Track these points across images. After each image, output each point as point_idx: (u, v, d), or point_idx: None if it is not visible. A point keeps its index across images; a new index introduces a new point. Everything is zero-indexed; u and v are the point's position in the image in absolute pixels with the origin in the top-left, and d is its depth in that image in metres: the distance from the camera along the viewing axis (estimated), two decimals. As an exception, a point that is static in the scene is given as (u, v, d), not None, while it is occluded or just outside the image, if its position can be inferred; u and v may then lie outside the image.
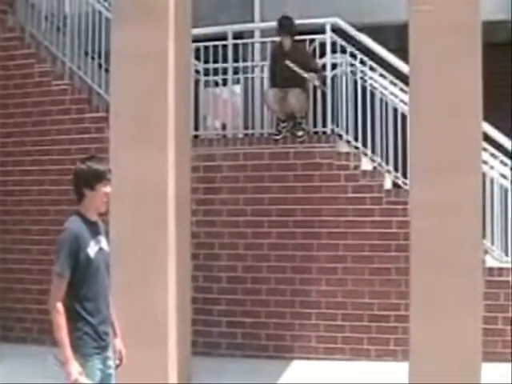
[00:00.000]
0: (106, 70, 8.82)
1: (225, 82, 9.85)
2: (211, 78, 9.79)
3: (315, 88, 9.11)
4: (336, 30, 9.13)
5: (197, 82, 9.62)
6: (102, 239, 4.37)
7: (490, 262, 8.34)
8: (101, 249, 4.31)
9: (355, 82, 9.05)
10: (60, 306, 4.06)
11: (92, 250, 4.21)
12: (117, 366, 4.47)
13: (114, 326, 4.55)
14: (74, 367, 4.07)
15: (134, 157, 6.93)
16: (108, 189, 4.38)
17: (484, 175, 7.50)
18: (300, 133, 8.72)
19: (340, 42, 9.05)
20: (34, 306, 9.28)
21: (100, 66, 9.56)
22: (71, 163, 9.10)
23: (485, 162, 8.00)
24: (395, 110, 8.88)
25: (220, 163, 9.08)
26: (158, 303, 6.87)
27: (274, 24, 9.25)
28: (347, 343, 8.53)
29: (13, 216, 9.68)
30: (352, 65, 9.07)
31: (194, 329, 7.83)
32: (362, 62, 9.03)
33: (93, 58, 9.69)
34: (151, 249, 6.87)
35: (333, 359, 8.40)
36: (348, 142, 9.02)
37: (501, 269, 8.29)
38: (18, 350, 9.04)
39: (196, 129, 9.49)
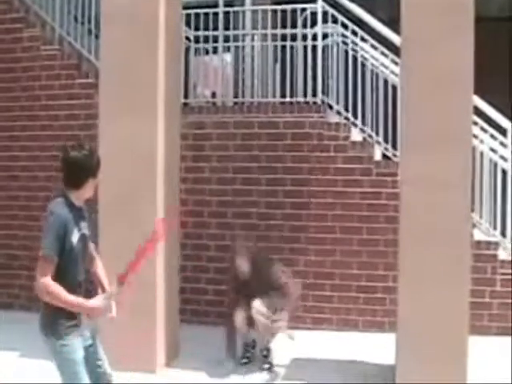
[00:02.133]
0: (96, 36, 8.74)
1: (215, 50, 9.79)
2: (202, 45, 9.72)
3: (306, 55, 9.04)
4: (327, -1, 9.08)
5: (187, 50, 9.57)
6: (84, 225, 4.32)
7: (478, 236, 8.38)
8: (82, 235, 4.27)
9: (346, 53, 9.02)
10: (47, 279, 4.04)
11: (75, 237, 4.17)
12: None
13: (103, 284, 4.50)
14: (94, 301, 4.20)
15: (124, 123, 6.91)
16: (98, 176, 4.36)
17: (474, 149, 7.50)
18: (266, 366, 7.13)
19: (331, 11, 8.98)
20: (22, 272, 9.28)
21: (90, 31, 9.47)
22: (60, 129, 9.18)
23: (475, 136, 8.00)
24: (386, 81, 8.86)
25: (209, 131, 9.05)
26: (145, 270, 6.84)
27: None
28: (335, 314, 8.58)
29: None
30: (343, 35, 9.02)
31: (182, 297, 7.85)
32: (354, 33, 8.98)
33: (82, 24, 9.58)
34: (139, 216, 6.86)
35: (320, 329, 8.45)
36: (338, 112, 9.00)
37: (488, 243, 8.34)
38: (5, 316, 9.05)
39: (186, 97, 9.45)
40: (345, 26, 8.99)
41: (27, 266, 9.07)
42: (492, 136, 8.52)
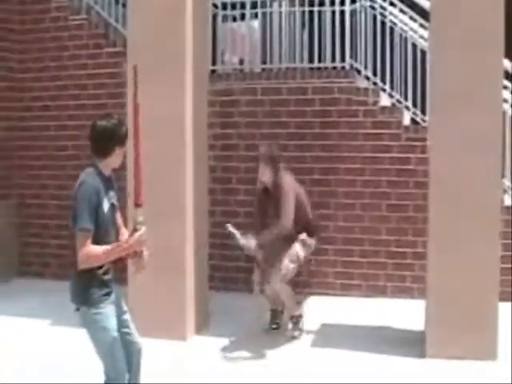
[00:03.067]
0: (123, 5, 8.73)
1: (243, 17, 9.74)
2: (229, 12, 9.67)
3: (333, 20, 8.97)
4: (356, -37, 8.98)
5: (214, 17, 9.52)
6: (113, 194, 4.35)
7: (508, 201, 8.32)
8: (112, 204, 4.31)
9: (374, 17, 8.92)
10: (86, 249, 4.08)
11: (106, 206, 4.20)
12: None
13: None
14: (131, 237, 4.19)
15: (152, 91, 6.90)
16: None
17: (504, 113, 7.42)
18: (296, 333, 7.08)
19: (360, -25, 8.90)
20: (52, 241, 9.38)
21: (117, 1, 9.46)
22: (88, 98, 9.22)
23: (505, 101, 7.91)
24: (414, 45, 8.77)
25: (237, 98, 9.03)
26: (175, 238, 6.92)
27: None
28: (364, 280, 8.59)
29: (30, 152, 9.71)
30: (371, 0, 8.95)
31: (211, 263, 7.90)
32: (382, -3, 8.90)
33: (109, -7, 9.59)
34: (169, 183, 6.91)
35: (349, 295, 8.47)
36: (367, 77, 8.94)
37: (518, 208, 8.27)
38: (36, 284, 9.18)
39: (213, 63, 9.42)
40: (373, -10, 8.91)
41: (57, 234, 9.18)
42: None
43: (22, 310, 7.83)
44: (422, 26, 8.64)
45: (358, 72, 8.94)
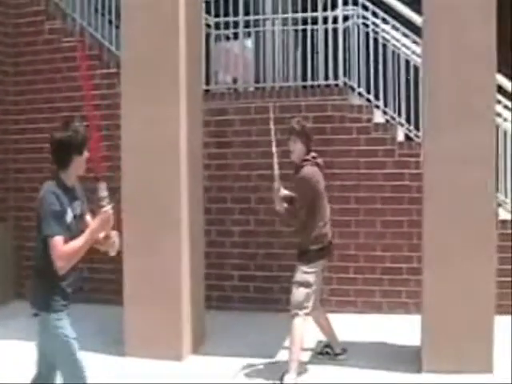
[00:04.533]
0: (117, 27, 8.77)
1: (236, 36, 9.79)
2: (222, 31, 9.72)
3: (327, 38, 9.02)
4: (347, -19, 9.04)
5: (208, 36, 9.57)
6: (77, 204, 4.41)
7: (504, 215, 8.34)
8: (75, 216, 4.36)
9: (367, 34, 8.98)
10: (64, 249, 4.13)
11: (69, 217, 4.27)
12: None
13: None
14: (97, 218, 4.25)
15: (146, 112, 6.94)
16: (87, 152, 4.40)
17: (497, 127, 7.45)
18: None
19: (352, -7, 8.96)
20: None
21: (110, 22, 9.50)
22: (82, 120, 9.20)
23: (498, 115, 7.95)
24: (407, 62, 8.82)
25: (232, 117, 9.06)
26: (171, 258, 6.92)
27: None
28: (359, 296, 8.59)
29: (25, 174, 9.71)
30: (364, 17, 8.99)
31: (207, 283, 7.89)
32: (374, 14, 8.94)
33: (103, 15, 9.63)
34: (164, 204, 6.91)
35: (345, 312, 8.45)
36: (360, 94, 8.98)
37: (514, 222, 8.29)
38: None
39: (207, 83, 9.46)
40: (365, 8, 8.96)
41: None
42: (515, 114, 8.46)
43: (14, 332, 7.79)
44: (414, 42, 8.70)
45: (352, 89, 8.99)
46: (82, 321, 8.14)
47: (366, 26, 8.98)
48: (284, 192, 6.52)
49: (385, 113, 8.92)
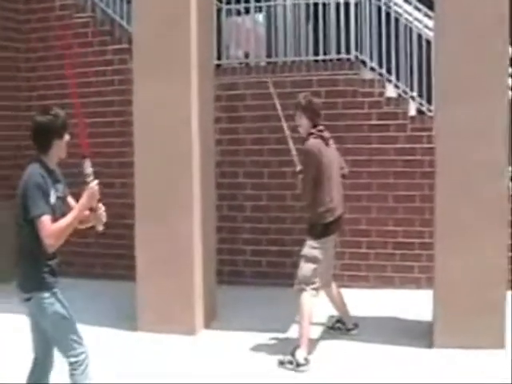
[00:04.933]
0: (128, 2, 8.75)
1: (247, 11, 9.74)
2: (233, 6, 9.68)
3: (338, 12, 8.96)
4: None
5: (219, 11, 9.53)
6: (59, 186, 4.45)
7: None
8: (58, 197, 4.39)
9: (379, 8, 8.92)
10: (53, 228, 4.16)
11: (53, 198, 4.31)
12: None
13: None
14: (83, 197, 4.29)
15: (158, 87, 6.93)
16: (68, 136, 4.46)
17: (510, 101, 7.40)
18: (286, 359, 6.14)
19: (364, -34, 8.89)
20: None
21: (121, -3, 9.48)
22: (94, 95, 9.22)
23: (511, 88, 7.88)
24: (419, 35, 8.76)
25: (243, 92, 9.04)
26: (183, 233, 6.94)
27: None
28: (371, 271, 8.60)
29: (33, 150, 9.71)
30: (376, -10, 8.94)
31: (219, 258, 7.92)
32: (387, -13, 8.89)
33: (114, -10, 9.60)
34: (176, 179, 6.92)
35: (357, 287, 8.46)
36: (372, 68, 8.93)
37: (526, 196, 8.25)
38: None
39: (219, 58, 9.43)
40: (377, -19, 8.91)
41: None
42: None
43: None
44: (426, 15, 8.63)
45: (364, 63, 8.94)
46: (95, 297, 8.32)
47: (378, -1, 8.93)
48: None
49: (397, 87, 8.87)
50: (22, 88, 9.64)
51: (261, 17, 10.31)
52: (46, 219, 4.16)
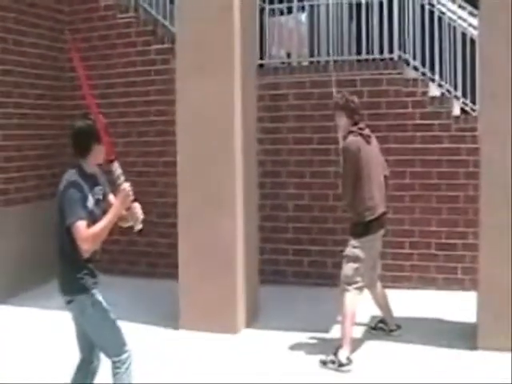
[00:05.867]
0: (171, 2, 8.78)
1: (290, 10, 9.74)
2: (276, 6, 9.68)
3: (381, 11, 8.91)
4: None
5: (262, 11, 9.54)
6: (98, 190, 4.51)
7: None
8: (97, 200, 4.46)
9: (422, 7, 8.85)
10: (89, 232, 4.22)
11: (90, 202, 4.36)
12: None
13: None
14: (117, 198, 4.35)
15: (200, 87, 6.96)
16: None
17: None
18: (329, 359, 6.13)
19: (406, -35, 8.84)
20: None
21: (164, -4, 9.53)
22: (137, 95, 9.29)
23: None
24: (464, 34, 8.68)
25: (286, 91, 9.03)
26: (225, 232, 6.96)
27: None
28: (414, 271, 8.54)
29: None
30: (419, -11, 8.88)
31: (261, 257, 7.93)
32: (430, -14, 8.83)
33: (157, -10, 9.67)
34: (218, 178, 6.95)
35: (400, 287, 8.41)
36: (415, 68, 8.87)
37: None
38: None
39: (261, 58, 9.44)
40: (420, -20, 8.85)
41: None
42: None
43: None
44: (471, 14, 8.55)
45: (407, 63, 8.88)
46: (138, 295, 8.38)
47: (422, -3, 8.87)
48: None
49: (440, 86, 8.80)
50: (66, 88, 9.73)
51: (303, 16, 10.30)
52: (80, 225, 4.21)
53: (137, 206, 4.48)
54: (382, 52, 8.98)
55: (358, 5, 9.25)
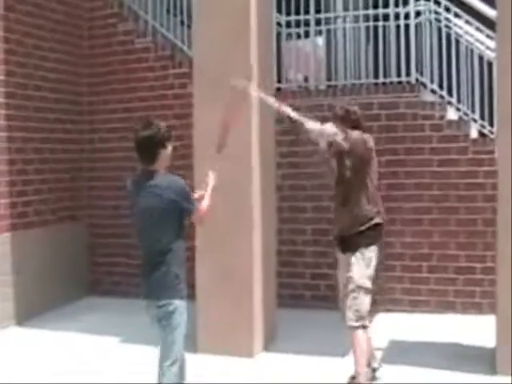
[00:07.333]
0: (189, 27, 8.86)
1: (307, 34, 9.78)
2: (293, 30, 9.72)
3: (398, 34, 8.93)
4: (419, -24, 8.95)
5: (279, 35, 9.58)
6: None
7: None
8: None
9: (439, 30, 8.87)
10: (203, 211, 4.86)
11: None
12: None
13: None
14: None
15: (218, 112, 6.96)
16: (171, 146, 4.82)
17: None
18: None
19: (423, -11, 8.86)
20: (123, 260, 9.47)
21: (182, 22, 9.60)
22: (156, 119, 9.31)
23: None
24: (481, 57, 8.68)
25: (304, 115, 9.02)
26: (243, 256, 6.96)
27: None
28: (432, 295, 8.49)
29: (98, 173, 9.88)
30: (436, 12, 8.89)
31: (278, 281, 7.91)
32: (447, 9, 8.84)
33: (175, 15, 9.75)
34: (236, 202, 6.95)
35: (417, 312, 8.37)
36: (433, 91, 8.87)
37: None
38: (105, 302, 9.36)
39: (279, 81, 9.46)
40: (437, 3, 8.86)
41: (127, 254, 9.27)
42: None
43: (89, 326, 7.97)
44: (488, 36, 8.55)
45: (424, 86, 8.89)
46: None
47: (438, 21, 8.88)
48: None
49: (458, 109, 8.80)
50: (83, 112, 9.82)
51: (320, 40, 10.33)
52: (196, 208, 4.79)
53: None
54: (399, 75, 8.99)
55: (375, 28, 9.27)
